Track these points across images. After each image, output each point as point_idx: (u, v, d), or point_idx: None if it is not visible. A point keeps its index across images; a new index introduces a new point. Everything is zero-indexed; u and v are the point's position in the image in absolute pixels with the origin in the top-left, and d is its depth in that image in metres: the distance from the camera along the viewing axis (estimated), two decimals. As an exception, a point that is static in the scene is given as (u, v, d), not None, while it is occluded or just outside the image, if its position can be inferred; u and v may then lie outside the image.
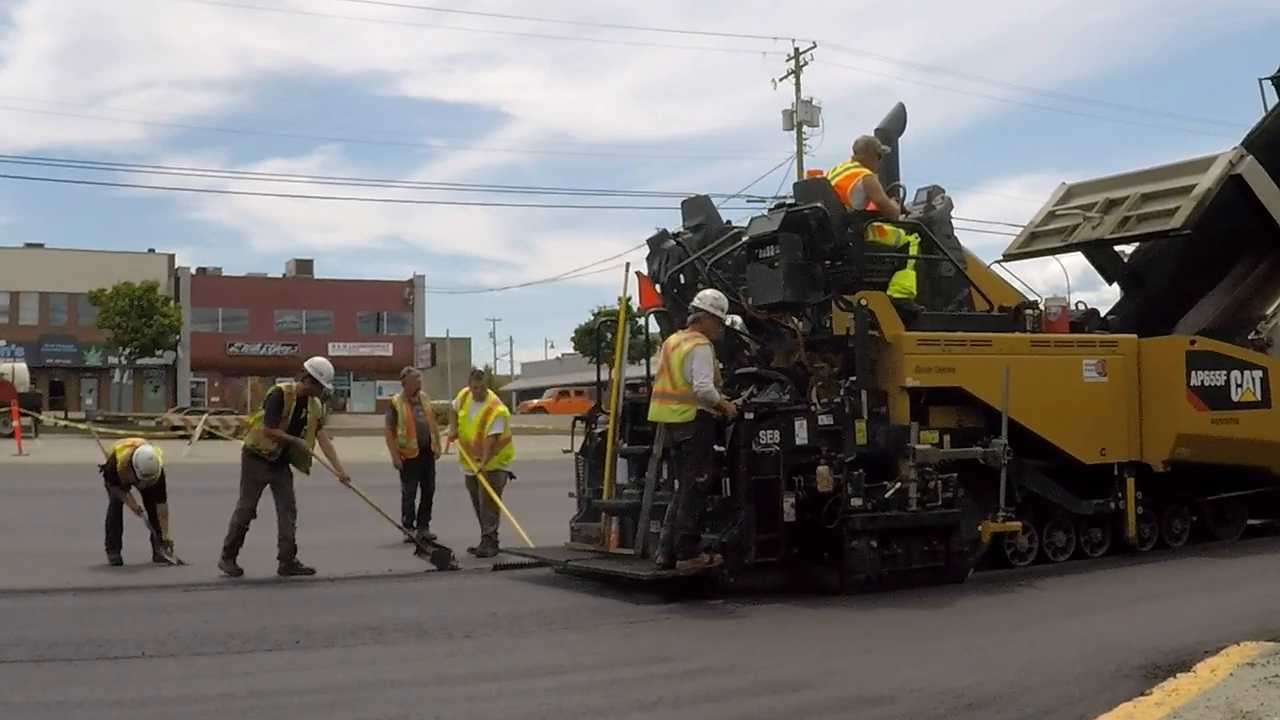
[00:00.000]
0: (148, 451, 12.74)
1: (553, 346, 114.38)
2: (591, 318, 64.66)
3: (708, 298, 10.74)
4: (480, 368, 16.19)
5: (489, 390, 14.44)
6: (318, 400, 12.27)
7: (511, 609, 10.00)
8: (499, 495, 13.64)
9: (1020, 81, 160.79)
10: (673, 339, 10.71)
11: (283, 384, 12.37)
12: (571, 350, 77.38)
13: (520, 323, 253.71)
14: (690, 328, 10.65)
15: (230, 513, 11.97)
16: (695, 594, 10.19)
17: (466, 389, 14.45)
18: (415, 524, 14.65)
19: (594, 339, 54.06)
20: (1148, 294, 14.86)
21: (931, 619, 9.54)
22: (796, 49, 51.21)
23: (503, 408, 14.20)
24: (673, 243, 12.54)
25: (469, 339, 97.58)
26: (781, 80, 51.46)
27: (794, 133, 51.28)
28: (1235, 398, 12.94)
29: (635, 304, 13.09)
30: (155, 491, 12.82)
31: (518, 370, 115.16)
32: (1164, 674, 6.94)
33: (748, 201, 46.69)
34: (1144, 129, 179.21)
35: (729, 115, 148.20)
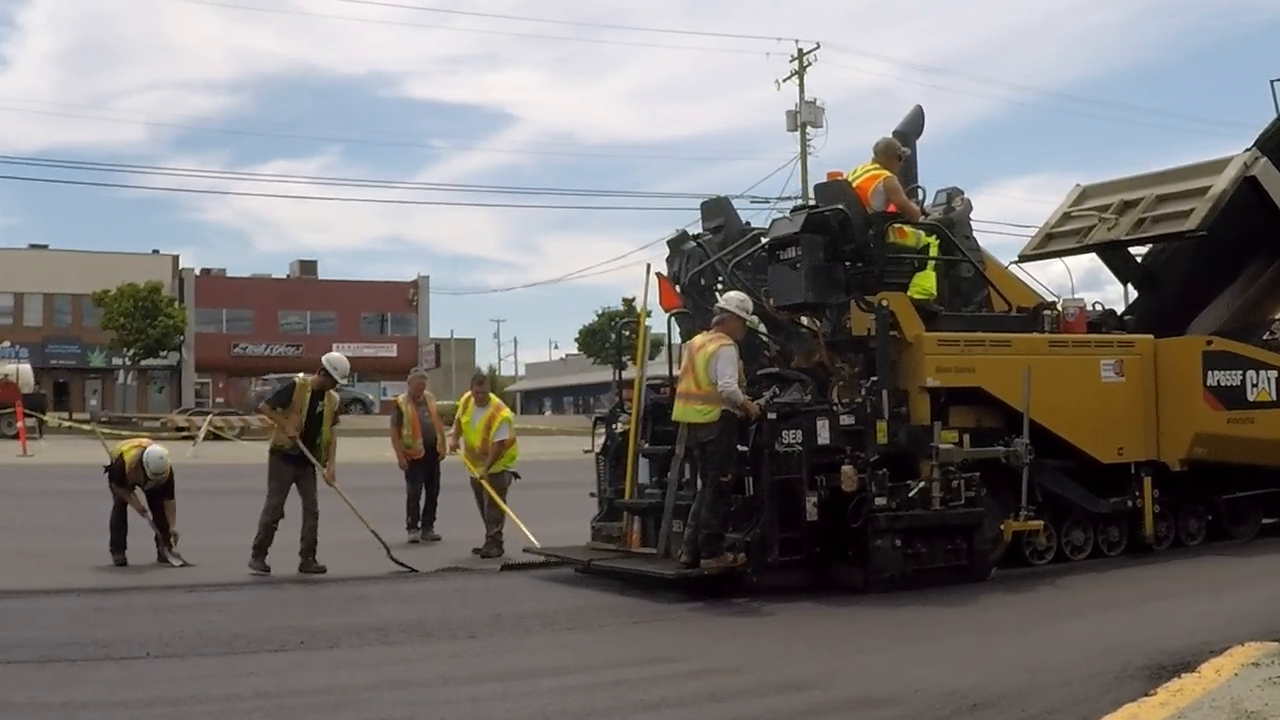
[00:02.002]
0: (158, 451, 12.82)
1: (557, 347, 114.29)
2: (596, 318, 64.89)
3: (733, 299, 10.83)
4: (483, 372, 16.21)
5: (491, 395, 14.46)
6: (334, 395, 12.38)
7: (516, 610, 10.04)
8: (504, 495, 13.67)
9: (1023, 82, 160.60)
10: (697, 339, 10.79)
11: (299, 377, 12.50)
12: (576, 351, 77.43)
13: (524, 323, 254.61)
14: (715, 328, 10.74)
15: (233, 512, 12.03)
16: (719, 593, 10.27)
17: (469, 394, 14.48)
18: (420, 524, 14.75)
19: (598, 340, 53.88)
20: (1161, 295, 14.93)
21: (938, 619, 9.59)
22: (800, 49, 51.46)
23: (507, 412, 14.23)
24: (693, 244, 12.59)
25: (473, 340, 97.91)
26: (785, 81, 51.73)
27: (797, 133, 51.44)
28: (1251, 397, 13.02)
29: (655, 304, 13.13)
30: (163, 489, 12.88)
31: (522, 371, 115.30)
32: (1169, 674, 6.93)
33: (751, 202, 46.75)
34: (1147, 129, 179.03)
35: (732, 116, 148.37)
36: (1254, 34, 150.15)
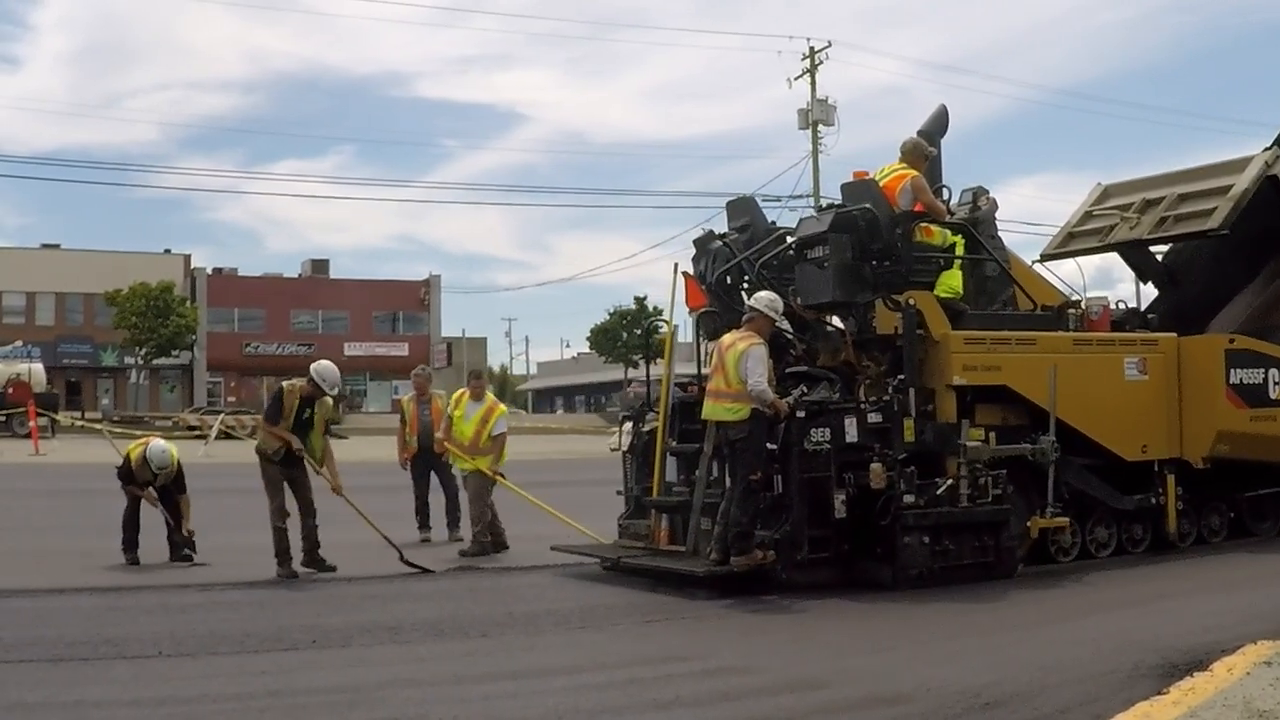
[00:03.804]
0: (160, 445, 12.86)
1: (568, 346, 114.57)
2: (607, 317, 64.91)
3: (763, 299, 10.90)
4: (480, 368, 16.23)
5: (488, 391, 14.43)
6: (328, 401, 12.26)
7: (528, 608, 10.07)
8: (489, 493, 13.53)
9: (1035, 80, 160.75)
10: (727, 338, 10.86)
11: (286, 383, 12.32)
12: (587, 349, 77.42)
13: (536, 322, 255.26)
14: (744, 327, 10.81)
15: (245, 512, 12.00)
16: (749, 590, 10.33)
17: (464, 390, 14.41)
18: (430, 525, 14.72)
19: (610, 339, 53.64)
20: (1181, 293, 14.99)
21: (952, 617, 9.60)
22: (812, 48, 51.27)
23: (503, 408, 14.20)
24: (719, 243, 12.63)
25: (485, 339, 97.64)
26: (797, 79, 51.53)
27: (809, 132, 51.36)
28: (1273, 395, 13.08)
29: (682, 304, 13.20)
30: (174, 484, 12.92)
31: (534, 370, 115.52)
32: (1181, 673, 6.93)
33: (762, 201, 46.58)
34: (1159, 127, 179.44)
35: (744, 115, 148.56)
36: (1266, 32, 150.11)
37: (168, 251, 74.49)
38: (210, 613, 9.89)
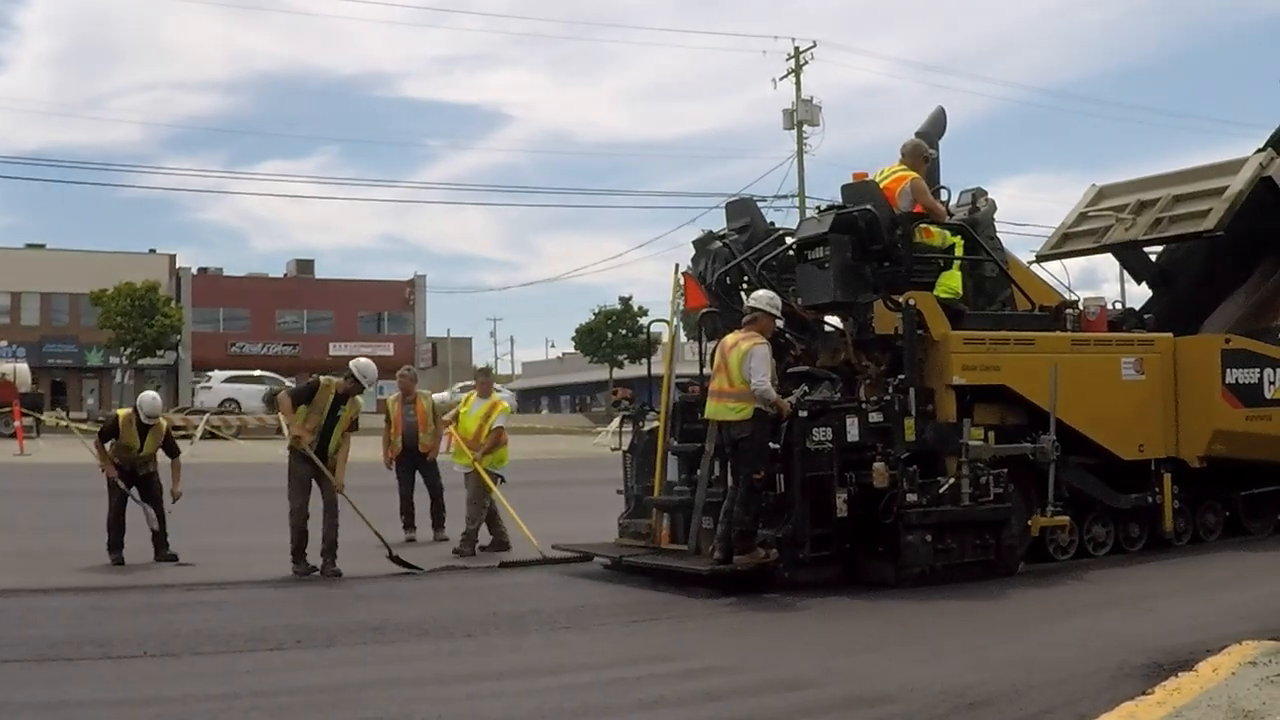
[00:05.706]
0: (150, 394, 12.87)
1: (553, 346, 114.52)
2: (592, 317, 64.87)
3: (764, 298, 10.94)
4: (487, 365, 16.25)
5: (494, 388, 14.47)
6: (359, 401, 12.24)
7: (513, 608, 10.07)
8: (486, 496, 13.54)
9: (1020, 80, 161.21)
10: (730, 338, 10.89)
11: (324, 377, 12.37)
12: (572, 350, 77.37)
13: (521, 322, 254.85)
14: (746, 327, 10.84)
15: (230, 511, 11.91)
16: (751, 588, 10.37)
17: (473, 388, 14.46)
18: (415, 525, 14.72)
19: (595, 339, 53.48)
20: (1175, 293, 15.09)
21: (942, 616, 9.63)
22: (797, 48, 51.40)
23: (506, 404, 14.29)
24: (719, 244, 12.67)
25: (470, 339, 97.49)
26: (782, 79, 51.68)
27: (794, 132, 51.47)
28: (1268, 395, 13.20)
29: (681, 304, 13.23)
30: (166, 447, 12.91)
31: (518, 370, 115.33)
32: (1166, 673, 6.95)
33: (749, 201, 46.61)
34: (1143, 127, 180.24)
35: (729, 115, 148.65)
36: (1251, 32, 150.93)
37: (153, 251, 73.97)
38: (195, 613, 9.88)
